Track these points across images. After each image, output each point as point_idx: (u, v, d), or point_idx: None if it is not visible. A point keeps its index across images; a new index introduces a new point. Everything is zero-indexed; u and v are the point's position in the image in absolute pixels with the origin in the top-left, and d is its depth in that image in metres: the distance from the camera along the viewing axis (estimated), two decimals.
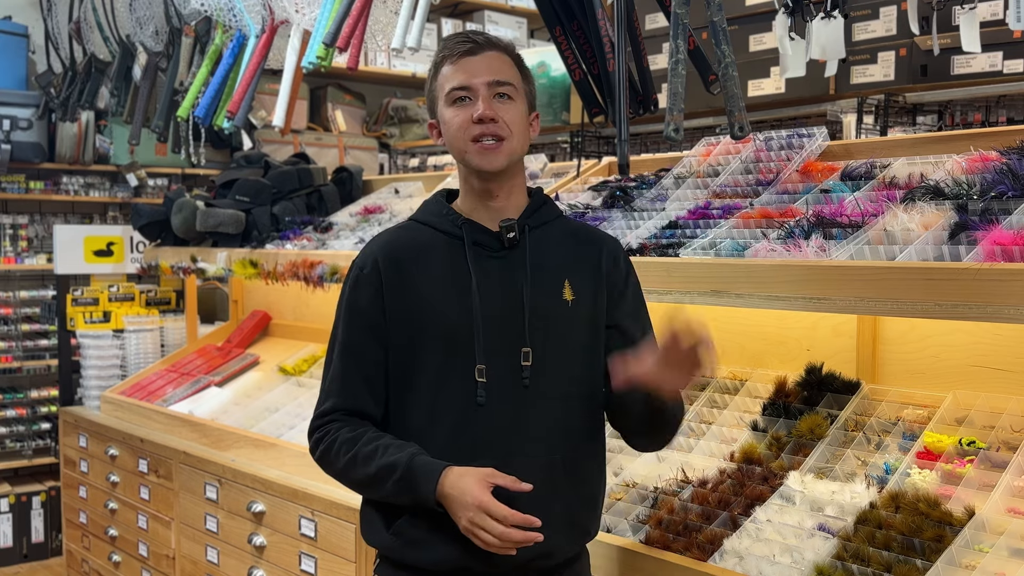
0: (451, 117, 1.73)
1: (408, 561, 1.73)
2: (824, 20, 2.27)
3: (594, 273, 1.80)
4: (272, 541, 2.95)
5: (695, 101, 2.58)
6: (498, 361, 1.72)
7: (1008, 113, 2.79)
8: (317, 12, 3.06)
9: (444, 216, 1.80)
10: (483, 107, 1.69)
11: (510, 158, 1.73)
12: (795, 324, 2.45)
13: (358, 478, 1.73)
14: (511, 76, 1.74)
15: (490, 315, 1.72)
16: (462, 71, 1.72)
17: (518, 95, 1.75)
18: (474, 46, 1.73)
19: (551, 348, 1.74)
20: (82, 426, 4.15)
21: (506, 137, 1.71)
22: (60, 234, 4.62)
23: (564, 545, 1.74)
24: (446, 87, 1.73)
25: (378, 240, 1.83)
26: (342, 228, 3.64)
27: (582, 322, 1.78)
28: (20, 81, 5.28)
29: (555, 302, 1.75)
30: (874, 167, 2.27)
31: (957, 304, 1.65)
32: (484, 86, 1.71)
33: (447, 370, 1.72)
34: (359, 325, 1.76)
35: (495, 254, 1.76)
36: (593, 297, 1.79)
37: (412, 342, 1.75)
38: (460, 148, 1.73)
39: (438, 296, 1.74)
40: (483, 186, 1.76)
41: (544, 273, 1.76)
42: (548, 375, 1.74)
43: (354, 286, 1.78)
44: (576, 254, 1.80)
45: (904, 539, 1.80)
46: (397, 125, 5.84)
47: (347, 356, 1.77)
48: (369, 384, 1.76)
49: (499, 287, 1.74)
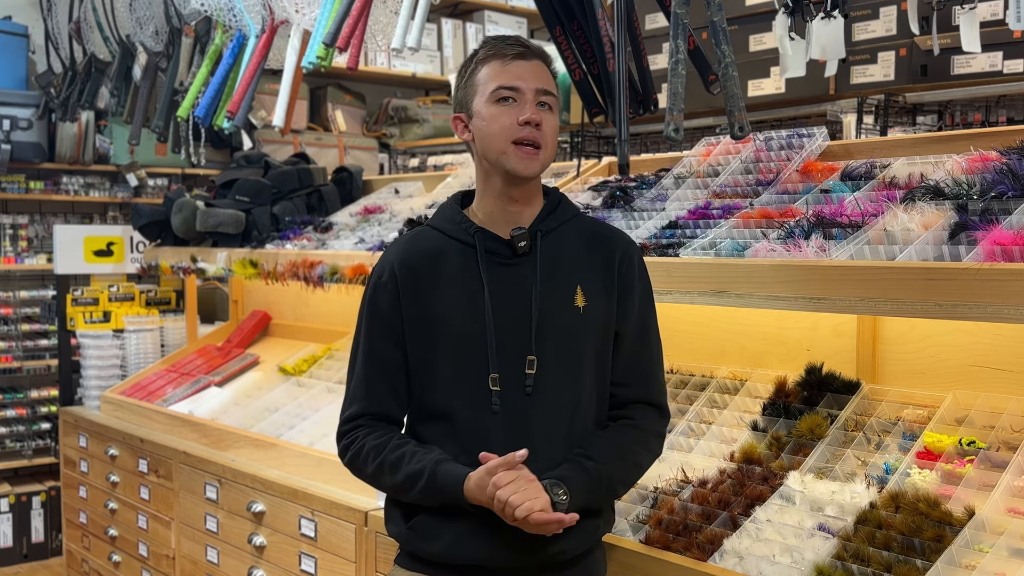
0: (494, 114, 1.73)
1: (423, 554, 1.78)
2: (824, 20, 2.27)
3: (607, 276, 1.81)
4: (272, 541, 2.95)
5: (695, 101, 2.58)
6: (507, 369, 1.74)
7: (1008, 113, 2.79)
8: (317, 12, 3.06)
9: (458, 224, 1.82)
10: (532, 111, 1.72)
11: (543, 167, 1.76)
12: (795, 324, 2.45)
13: (387, 485, 1.79)
14: (553, 88, 1.78)
15: (501, 323, 1.74)
16: (512, 72, 1.73)
17: (555, 109, 1.78)
18: (526, 51, 1.76)
19: (559, 356, 1.76)
20: (82, 426, 4.15)
21: (543, 146, 1.74)
22: (60, 234, 4.62)
23: (572, 546, 1.76)
24: (492, 84, 1.74)
25: (395, 247, 1.87)
26: (342, 228, 3.64)
27: (594, 327, 1.79)
28: (20, 81, 5.28)
29: (565, 309, 1.77)
30: (874, 167, 2.27)
31: (957, 304, 1.65)
32: (532, 91, 1.73)
33: (461, 377, 1.76)
34: (379, 332, 1.81)
35: (507, 261, 1.78)
36: (606, 301, 1.80)
37: (428, 349, 1.78)
38: (498, 148, 1.73)
39: (451, 304, 1.77)
40: (506, 189, 1.78)
41: (555, 279, 1.78)
42: (554, 382, 1.76)
43: (373, 293, 1.83)
44: (590, 257, 1.81)
45: (904, 539, 1.80)
46: (397, 125, 5.84)
47: (370, 362, 1.82)
48: (392, 389, 1.81)
49: (510, 295, 1.76)
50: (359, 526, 2.60)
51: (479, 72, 1.76)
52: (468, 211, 1.85)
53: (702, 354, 2.64)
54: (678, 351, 2.68)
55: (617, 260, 1.82)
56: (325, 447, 2.98)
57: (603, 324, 1.80)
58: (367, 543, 2.58)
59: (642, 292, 1.85)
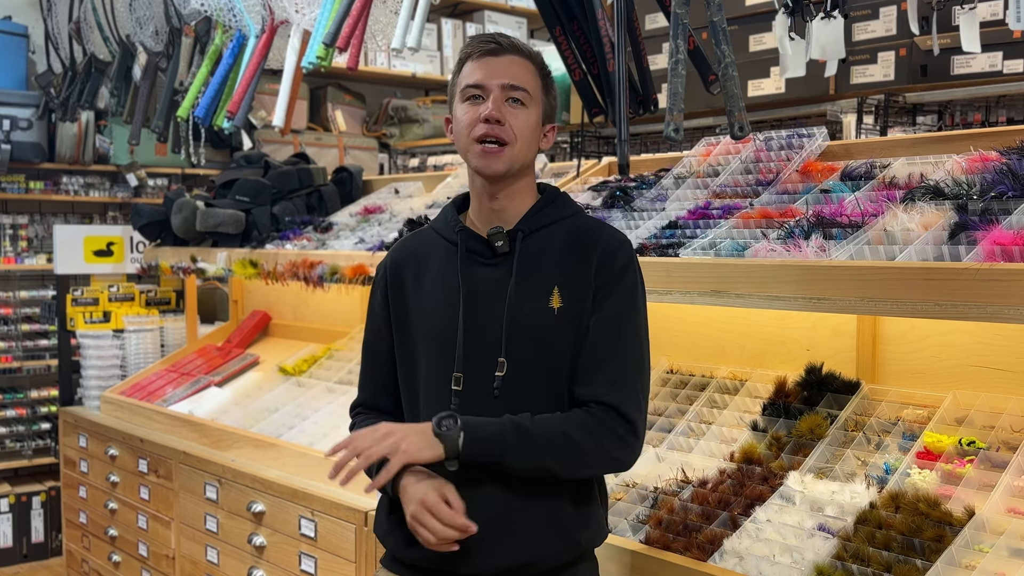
0: (461, 114, 1.73)
1: (398, 555, 1.78)
2: (824, 20, 2.27)
3: (584, 274, 1.72)
4: (272, 541, 2.95)
5: (695, 101, 2.58)
6: (476, 370, 1.72)
7: (1008, 113, 2.79)
8: (317, 12, 3.06)
9: (449, 223, 1.82)
10: (491, 107, 1.69)
11: (510, 165, 1.71)
12: (795, 324, 2.45)
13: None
14: (528, 83, 1.73)
15: (473, 324, 1.72)
16: (480, 70, 1.72)
17: (532, 103, 1.73)
18: (497, 47, 1.73)
19: (530, 358, 1.71)
20: (82, 426, 4.15)
21: (509, 142, 1.70)
22: (60, 234, 4.62)
23: (550, 552, 1.70)
24: (463, 82, 1.74)
25: (395, 246, 1.92)
26: (342, 228, 3.64)
27: (569, 329, 1.71)
28: (20, 81, 5.28)
29: (540, 311, 1.71)
30: (874, 167, 2.26)
31: (957, 304, 1.65)
32: (498, 87, 1.70)
33: (434, 375, 1.76)
34: (373, 327, 1.88)
35: (487, 261, 1.76)
36: (584, 301, 1.71)
37: (409, 346, 1.81)
38: (464, 146, 1.74)
39: (430, 303, 1.78)
40: (484, 187, 1.77)
41: (532, 280, 1.72)
42: (524, 384, 1.70)
43: (372, 290, 1.90)
44: (571, 256, 1.74)
45: (904, 539, 1.80)
46: (397, 125, 5.84)
47: (367, 356, 1.91)
48: (383, 382, 1.87)
49: (485, 295, 1.74)
50: (359, 526, 2.60)
51: (459, 73, 1.77)
52: (466, 212, 1.85)
53: (702, 354, 2.64)
54: (678, 351, 2.68)
55: (597, 256, 1.72)
56: (325, 447, 2.98)
57: (580, 324, 1.71)
58: (367, 543, 2.58)
59: (623, 291, 1.72)
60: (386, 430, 1.66)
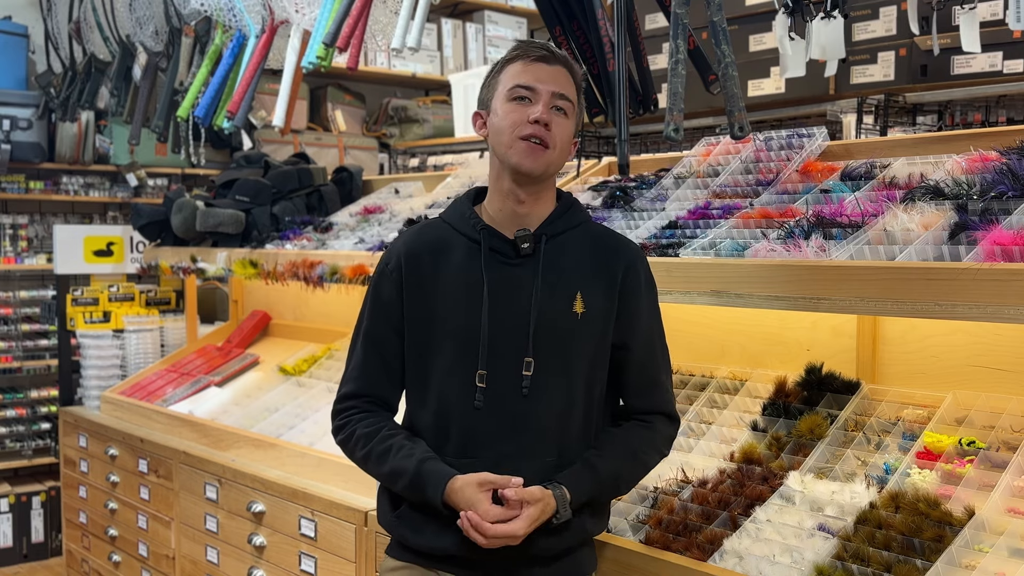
0: (508, 110, 1.77)
1: (408, 543, 1.82)
2: (824, 20, 2.27)
3: (609, 286, 1.82)
4: (272, 541, 2.95)
5: (695, 101, 2.58)
6: (501, 368, 1.77)
7: (1008, 113, 2.79)
8: (317, 12, 3.06)
9: (466, 219, 1.84)
10: (543, 110, 1.74)
11: (547, 168, 1.77)
12: (795, 324, 2.45)
13: (373, 473, 1.84)
14: (572, 95, 1.80)
15: (498, 322, 1.77)
16: (532, 73, 1.77)
17: (571, 115, 1.80)
18: (549, 56, 1.79)
19: (555, 359, 1.78)
20: (82, 426, 4.15)
21: (551, 147, 1.76)
22: (60, 234, 4.62)
23: (554, 543, 1.78)
24: (511, 82, 1.77)
25: (404, 236, 1.92)
26: (342, 228, 3.64)
27: (590, 335, 1.81)
28: (20, 81, 5.28)
29: (564, 314, 1.79)
30: (874, 167, 2.26)
31: (957, 304, 1.65)
32: (548, 93, 1.76)
33: (454, 371, 1.79)
34: (381, 317, 1.86)
35: (511, 261, 1.80)
36: (605, 310, 1.82)
37: (425, 340, 1.82)
38: (505, 143, 1.76)
39: (451, 299, 1.80)
40: (514, 189, 1.79)
41: (556, 284, 1.79)
42: (549, 385, 1.78)
43: (379, 280, 1.88)
44: (593, 265, 1.83)
45: (904, 539, 1.80)
46: (397, 125, 5.83)
47: (369, 345, 1.87)
48: (388, 373, 1.87)
49: (510, 295, 1.78)
50: (359, 526, 2.60)
51: (504, 71, 1.81)
52: (480, 208, 1.87)
53: (702, 354, 2.64)
54: (678, 351, 2.67)
55: (621, 271, 1.83)
56: (325, 447, 2.98)
57: (600, 332, 1.82)
58: (367, 543, 2.58)
59: (649, 305, 1.88)
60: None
